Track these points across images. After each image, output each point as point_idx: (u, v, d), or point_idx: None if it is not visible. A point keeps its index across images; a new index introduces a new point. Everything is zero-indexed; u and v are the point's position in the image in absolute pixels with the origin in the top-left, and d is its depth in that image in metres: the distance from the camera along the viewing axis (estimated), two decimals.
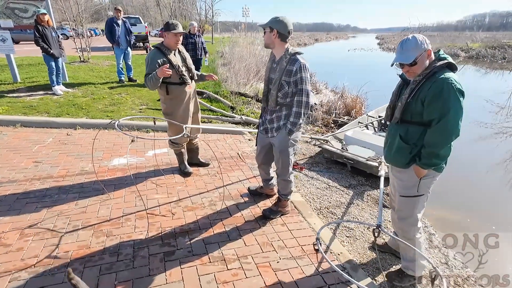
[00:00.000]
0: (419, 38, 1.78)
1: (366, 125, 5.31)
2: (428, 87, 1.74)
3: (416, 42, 1.76)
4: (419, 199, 1.97)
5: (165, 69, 2.62)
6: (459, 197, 3.85)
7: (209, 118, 5.46)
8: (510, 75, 16.28)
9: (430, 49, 1.79)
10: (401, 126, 1.92)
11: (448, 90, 1.69)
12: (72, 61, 10.27)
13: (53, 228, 2.42)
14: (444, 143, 1.77)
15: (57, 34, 6.35)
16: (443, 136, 1.75)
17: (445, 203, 3.57)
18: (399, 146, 1.92)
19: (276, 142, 2.48)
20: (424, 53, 1.77)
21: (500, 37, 34.06)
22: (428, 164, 1.83)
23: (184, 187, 3.17)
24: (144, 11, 55.12)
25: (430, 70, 1.77)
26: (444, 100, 1.70)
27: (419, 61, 1.78)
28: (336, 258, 2.31)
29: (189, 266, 2.12)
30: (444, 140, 1.76)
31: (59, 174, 3.27)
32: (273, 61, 2.42)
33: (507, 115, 8.14)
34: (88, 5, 16.60)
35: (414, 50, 1.77)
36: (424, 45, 1.76)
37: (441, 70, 1.77)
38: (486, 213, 3.62)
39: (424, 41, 1.77)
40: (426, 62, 1.80)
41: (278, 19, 2.26)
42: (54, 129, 4.58)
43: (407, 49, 1.78)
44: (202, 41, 7.26)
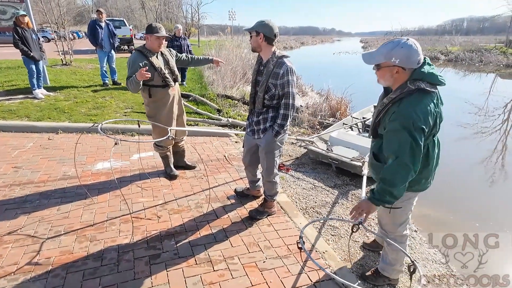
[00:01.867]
0: (399, 47, 1.52)
1: (351, 126, 5.42)
2: (389, 116, 1.60)
3: (389, 49, 1.54)
4: (396, 211, 1.88)
5: (143, 72, 2.58)
6: (441, 195, 3.98)
7: (195, 121, 5.44)
8: (487, 78, 16.98)
9: (402, 69, 1.54)
10: (375, 141, 1.83)
11: (402, 127, 1.52)
12: (54, 64, 10.02)
13: (34, 234, 2.35)
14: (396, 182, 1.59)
15: (38, 36, 6.20)
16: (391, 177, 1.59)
17: (427, 200, 3.69)
18: (372, 163, 1.86)
19: (262, 144, 2.50)
20: (392, 67, 1.55)
21: (477, 41, 35.45)
22: (381, 200, 1.65)
23: (170, 190, 3.15)
24: (129, 13, 54.37)
25: (396, 96, 1.58)
26: (395, 138, 1.56)
27: (381, 70, 1.60)
28: (321, 257, 2.35)
29: (175, 268, 2.11)
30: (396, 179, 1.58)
31: (40, 179, 3.19)
32: (260, 63, 2.45)
33: (486, 116, 8.48)
34: (71, 7, 16.26)
35: (381, 55, 1.57)
36: (395, 59, 1.52)
37: (408, 97, 1.55)
38: (468, 210, 3.76)
39: (400, 55, 1.51)
40: (387, 76, 1.60)
41: (264, 23, 2.28)
42: (35, 133, 4.45)
43: (379, 51, 1.60)
44: (188, 44, 7.25)
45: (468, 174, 4.82)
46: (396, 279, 2.15)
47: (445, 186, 4.10)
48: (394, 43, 1.56)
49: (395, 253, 2.03)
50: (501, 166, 5.19)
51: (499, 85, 14.54)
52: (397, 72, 1.56)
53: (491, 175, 4.81)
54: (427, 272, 2.42)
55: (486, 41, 35.18)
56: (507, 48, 25.65)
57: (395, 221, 1.95)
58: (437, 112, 1.59)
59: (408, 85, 1.55)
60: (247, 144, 2.71)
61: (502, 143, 6.39)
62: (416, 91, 1.54)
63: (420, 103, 1.53)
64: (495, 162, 5.33)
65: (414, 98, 1.54)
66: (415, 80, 1.54)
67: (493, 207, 3.90)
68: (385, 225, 2.03)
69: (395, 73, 1.57)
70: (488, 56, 23.27)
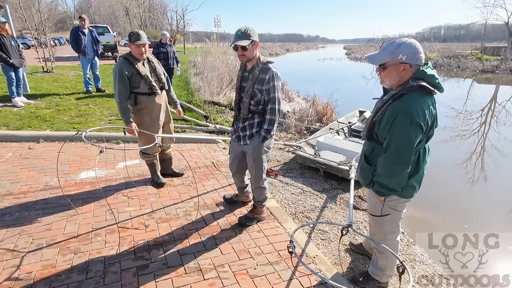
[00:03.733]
0: (405, 45, 1.55)
1: (337, 131, 5.51)
2: (388, 111, 1.63)
3: (395, 48, 1.56)
4: (385, 219, 1.91)
5: (131, 132, 2.87)
6: (425, 196, 4.07)
7: (182, 127, 5.39)
8: (464, 82, 17.71)
9: (410, 65, 1.57)
10: (368, 144, 1.85)
11: (400, 120, 1.55)
12: (35, 72, 9.74)
13: (13, 248, 2.25)
14: (388, 176, 1.66)
15: (17, 43, 6.02)
16: (387, 168, 1.66)
17: (411, 202, 3.77)
18: (363, 166, 1.88)
19: (249, 150, 2.49)
20: (399, 65, 1.58)
21: (454, 48, 36.94)
22: (378, 192, 1.75)
23: (158, 198, 3.09)
24: (112, 20, 53.72)
25: (397, 92, 1.61)
26: (392, 130, 1.58)
27: (387, 69, 1.61)
28: (312, 261, 2.35)
29: (164, 279, 2.05)
30: (388, 173, 1.66)
31: (20, 191, 3.06)
32: (244, 70, 2.44)
33: (464, 119, 8.81)
34: (52, 13, 15.88)
35: (387, 54, 1.59)
36: (402, 56, 1.55)
37: (410, 93, 1.58)
38: (449, 210, 3.86)
39: (406, 52, 1.54)
40: (394, 74, 1.61)
41: (253, 30, 2.24)
42: (14, 143, 4.29)
43: (384, 50, 1.61)
44: (174, 51, 7.20)
45: (448, 176, 4.96)
46: (386, 282, 2.17)
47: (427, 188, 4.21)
48: (398, 42, 1.59)
49: (386, 259, 2.05)
50: (481, 168, 5.38)
51: (476, 89, 15.19)
52: (404, 69, 1.59)
53: (471, 177, 4.98)
54: (415, 273, 2.46)
55: (463, 47, 36.71)
56: (482, 55, 26.83)
57: (384, 229, 1.97)
58: (434, 114, 1.63)
59: (410, 82, 1.58)
60: (233, 151, 2.68)
61: (480, 146, 6.65)
62: (417, 89, 1.56)
63: (420, 100, 1.56)
64: (475, 164, 5.53)
65: (415, 95, 1.57)
66: (416, 79, 1.58)
67: (475, 207, 4.03)
68: (374, 234, 2.06)
69: (401, 70, 1.59)
70: (465, 62, 24.27)
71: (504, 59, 23.82)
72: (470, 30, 68.17)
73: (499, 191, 4.52)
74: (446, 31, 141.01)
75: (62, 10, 42.52)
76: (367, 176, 1.84)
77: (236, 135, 2.59)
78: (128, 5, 39.38)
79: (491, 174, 5.15)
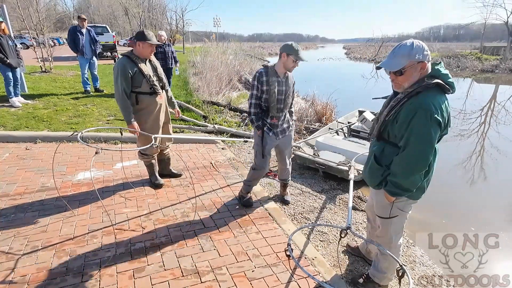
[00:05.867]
0: (415, 45, 1.55)
1: (336, 131, 5.48)
2: (404, 109, 1.59)
3: (409, 49, 1.54)
4: (392, 221, 1.88)
5: (132, 132, 2.86)
6: (425, 197, 4.04)
7: (181, 127, 5.36)
8: (464, 82, 17.68)
9: (426, 62, 1.55)
10: (378, 144, 1.81)
11: (420, 117, 1.52)
12: (33, 72, 9.70)
13: (8, 251, 2.22)
14: (405, 175, 1.63)
15: (15, 43, 5.98)
16: (404, 167, 1.62)
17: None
18: (372, 166, 1.83)
19: (292, 136, 3.05)
20: (416, 64, 1.55)
21: (454, 47, 36.90)
22: (391, 192, 1.72)
23: (155, 200, 3.06)
24: (112, 20, 53.61)
25: (413, 89, 1.57)
26: (411, 127, 1.55)
27: (407, 72, 1.57)
28: (311, 263, 2.32)
29: (160, 281, 2.03)
30: (405, 172, 1.62)
31: (16, 192, 3.03)
32: (276, 75, 2.71)
33: (463, 119, 8.79)
34: (50, 13, 15.83)
35: (404, 57, 1.55)
36: (418, 55, 1.53)
37: (426, 90, 1.55)
38: (450, 210, 3.84)
39: (420, 50, 1.54)
40: (415, 75, 1.58)
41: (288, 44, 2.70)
42: (11, 143, 4.26)
43: (398, 55, 1.57)
44: (172, 50, 7.17)
45: (448, 176, 4.94)
46: (385, 285, 2.15)
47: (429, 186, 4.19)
48: (408, 44, 1.58)
49: (388, 262, 2.02)
50: (480, 168, 5.36)
51: (476, 89, 15.17)
52: (422, 67, 1.57)
53: (470, 176, 4.96)
54: (415, 275, 2.44)
55: (462, 47, 36.67)
56: (481, 54, 26.81)
57: (390, 231, 1.94)
58: (449, 112, 1.63)
59: (425, 80, 1.56)
60: (269, 149, 2.88)
61: (480, 145, 6.62)
62: (433, 86, 1.55)
63: (437, 98, 1.56)
64: (474, 164, 5.51)
65: (432, 93, 1.56)
66: (432, 77, 1.57)
67: (475, 207, 4.01)
68: (379, 236, 2.02)
69: (420, 69, 1.57)
70: (464, 61, 24.25)
71: (504, 58, 23.80)
72: (469, 30, 68.20)
73: (499, 191, 4.50)
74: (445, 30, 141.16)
75: (61, 10, 42.50)
76: (377, 177, 1.80)
77: (278, 129, 2.85)
78: (127, 5, 39.24)
79: (491, 174, 5.13)
